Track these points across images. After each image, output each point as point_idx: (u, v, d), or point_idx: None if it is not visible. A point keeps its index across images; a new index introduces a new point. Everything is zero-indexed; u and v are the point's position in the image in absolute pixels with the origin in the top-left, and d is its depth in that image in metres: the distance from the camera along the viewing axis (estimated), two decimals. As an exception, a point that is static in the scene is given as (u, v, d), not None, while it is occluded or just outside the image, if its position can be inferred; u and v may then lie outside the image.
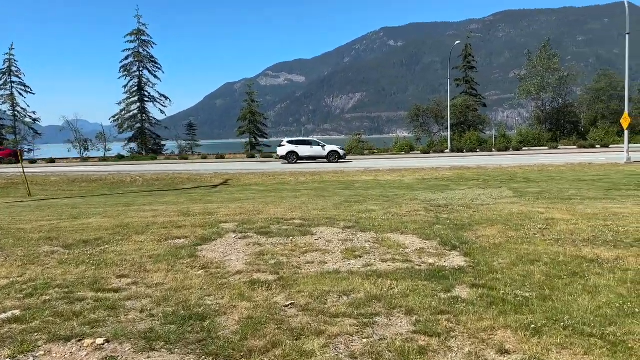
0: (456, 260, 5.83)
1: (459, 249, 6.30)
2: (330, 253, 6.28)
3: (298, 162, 32.90)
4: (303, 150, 33.58)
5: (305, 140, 35.76)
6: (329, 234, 7.49)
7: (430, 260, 5.80)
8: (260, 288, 4.85)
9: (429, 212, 9.52)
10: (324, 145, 34.34)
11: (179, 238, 7.53)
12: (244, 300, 4.46)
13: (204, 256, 6.38)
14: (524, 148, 44.99)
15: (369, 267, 5.55)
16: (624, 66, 27.55)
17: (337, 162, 32.56)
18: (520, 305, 4.20)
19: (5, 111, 63.35)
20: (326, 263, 5.81)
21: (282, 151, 33.85)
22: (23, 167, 22.26)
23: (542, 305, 4.17)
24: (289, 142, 34.50)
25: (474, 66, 61.15)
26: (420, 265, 5.60)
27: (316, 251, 6.38)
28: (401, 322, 3.95)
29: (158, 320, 4.06)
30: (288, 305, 4.32)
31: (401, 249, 6.40)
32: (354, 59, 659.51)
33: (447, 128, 47.50)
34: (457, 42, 52.18)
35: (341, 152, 34.05)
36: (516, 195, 12.92)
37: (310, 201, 12.34)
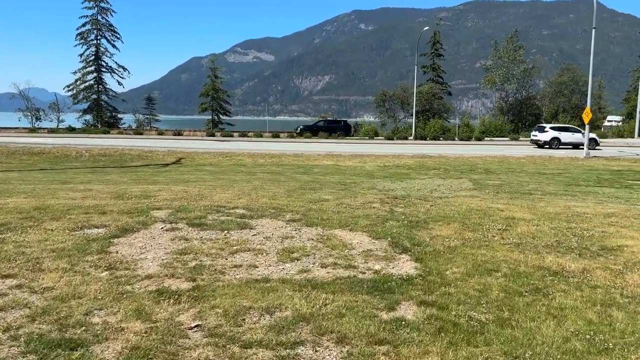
0: (406, 266, 5.11)
1: (410, 252, 5.60)
2: (265, 254, 5.44)
3: (560, 147, 32.33)
4: (565, 137, 33.12)
5: (566, 127, 35.66)
6: (270, 228, 6.67)
7: (377, 267, 5.07)
8: (167, 301, 3.97)
9: (385, 204, 8.84)
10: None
11: (97, 227, 6.54)
12: (140, 319, 3.57)
13: (116, 252, 5.45)
14: (486, 138, 45.10)
15: (304, 274, 4.76)
16: (586, 61, 27.60)
17: (594, 149, 32.00)
18: (474, 332, 3.50)
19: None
20: (256, 267, 4.98)
21: (545, 137, 33.24)
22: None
23: (499, 334, 3.48)
24: (551, 128, 34.35)
25: (442, 54, 60.84)
26: (364, 273, 4.85)
27: (249, 251, 5.53)
28: (329, 355, 3.18)
29: (17, 347, 3.15)
30: (193, 327, 3.48)
31: (346, 250, 5.64)
32: (325, 40, 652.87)
33: (412, 115, 47.12)
34: (426, 28, 51.63)
35: (598, 139, 34.05)
36: (476, 187, 12.45)
37: (262, 186, 11.52)
